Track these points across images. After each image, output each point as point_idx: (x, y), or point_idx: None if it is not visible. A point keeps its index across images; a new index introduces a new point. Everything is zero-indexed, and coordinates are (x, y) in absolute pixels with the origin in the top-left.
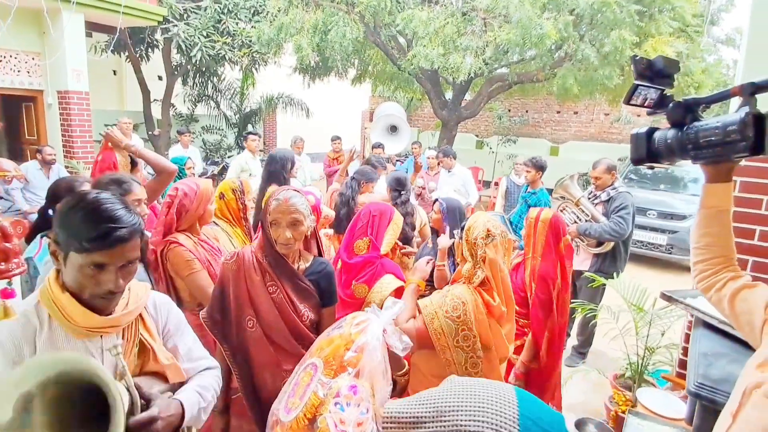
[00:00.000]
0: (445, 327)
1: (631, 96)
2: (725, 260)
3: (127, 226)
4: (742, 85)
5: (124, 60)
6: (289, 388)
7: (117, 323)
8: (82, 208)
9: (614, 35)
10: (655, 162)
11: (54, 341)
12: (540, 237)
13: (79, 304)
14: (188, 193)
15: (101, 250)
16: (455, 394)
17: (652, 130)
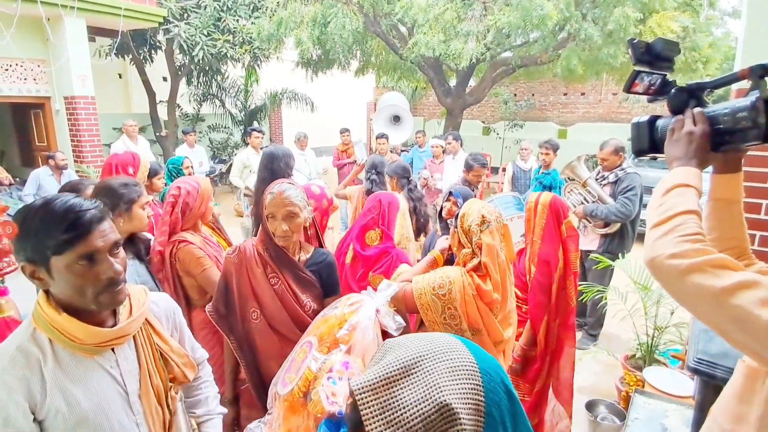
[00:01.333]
0: (431, 303)
1: (632, 83)
2: (739, 252)
3: (91, 207)
4: (751, 68)
5: (128, 63)
6: (287, 364)
7: (126, 332)
8: (37, 212)
9: (617, 12)
10: (658, 152)
11: (63, 366)
12: (540, 220)
13: (79, 320)
14: (191, 191)
15: (82, 238)
16: (410, 347)
17: (655, 118)
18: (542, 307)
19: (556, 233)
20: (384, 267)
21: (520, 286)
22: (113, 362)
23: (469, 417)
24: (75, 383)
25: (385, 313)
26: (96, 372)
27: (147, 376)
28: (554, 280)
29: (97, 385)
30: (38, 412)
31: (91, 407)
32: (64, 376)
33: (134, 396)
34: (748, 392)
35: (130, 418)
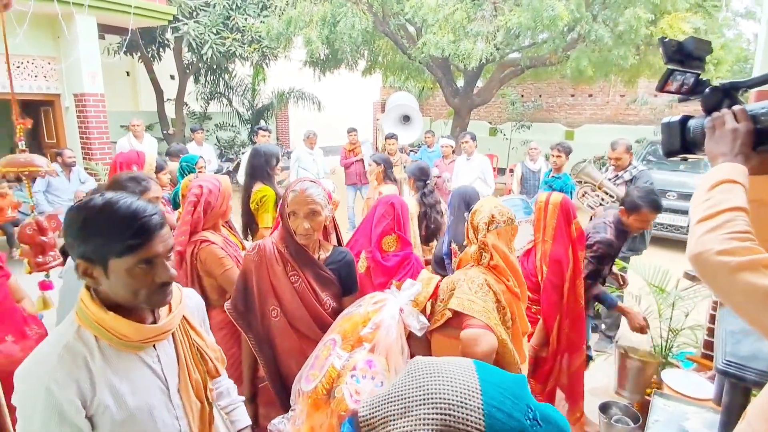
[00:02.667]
0: (487, 305)
1: (665, 82)
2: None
3: (155, 212)
4: None
5: (136, 61)
6: (311, 360)
7: (168, 328)
8: (101, 212)
9: (628, 13)
10: (689, 153)
11: (109, 362)
12: (551, 220)
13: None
14: (212, 190)
15: (145, 244)
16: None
17: (686, 118)
18: (555, 307)
19: (566, 233)
20: (407, 274)
21: (530, 287)
22: (155, 358)
23: None
24: (121, 379)
25: (408, 313)
26: (140, 368)
27: (186, 371)
28: (566, 280)
29: (141, 380)
30: (88, 408)
31: (137, 402)
32: (111, 373)
33: (174, 391)
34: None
35: (171, 413)
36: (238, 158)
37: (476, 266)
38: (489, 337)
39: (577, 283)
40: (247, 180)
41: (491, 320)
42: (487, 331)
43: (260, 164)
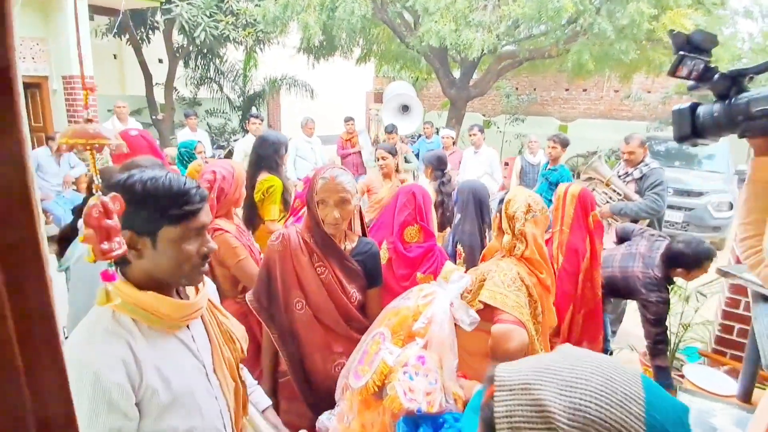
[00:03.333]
0: (519, 300)
1: (677, 67)
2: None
3: (197, 186)
4: None
5: (124, 43)
6: (358, 355)
7: (201, 305)
8: (156, 182)
9: (631, 7)
10: (699, 138)
11: (152, 344)
12: (569, 210)
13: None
14: (226, 176)
15: (197, 213)
16: (577, 367)
17: (695, 105)
18: (568, 297)
19: (584, 224)
20: (432, 266)
21: None
22: (190, 337)
23: None
24: (165, 361)
25: (458, 306)
26: (180, 348)
27: (219, 350)
28: (581, 270)
29: (183, 361)
30: (137, 393)
31: (180, 384)
32: (154, 354)
33: (210, 370)
34: None
35: (210, 393)
36: (230, 146)
37: (508, 257)
38: (521, 333)
39: (594, 274)
40: (251, 169)
41: (524, 316)
42: (519, 327)
43: (268, 153)
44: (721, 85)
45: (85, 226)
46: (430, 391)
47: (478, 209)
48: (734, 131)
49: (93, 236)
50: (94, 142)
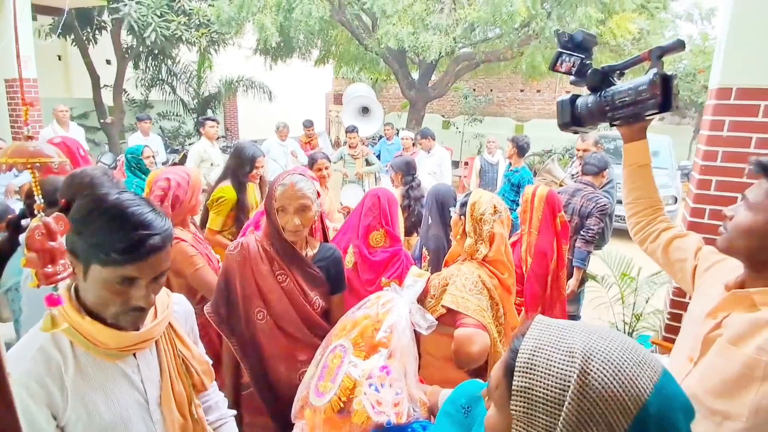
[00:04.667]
0: (481, 303)
1: (555, 63)
2: (654, 210)
3: (161, 232)
4: (651, 50)
5: (69, 44)
6: (317, 371)
7: (150, 336)
8: (105, 212)
9: (580, 12)
10: (579, 126)
11: (83, 372)
12: (537, 212)
13: (103, 324)
14: (181, 183)
15: (133, 263)
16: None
17: (575, 96)
18: (538, 298)
19: (552, 225)
20: (397, 271)
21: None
22: (134, 367)
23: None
24: (95, 390)
25: (415, 311)
26: (116, 378)
27: (168, 383)
28: (549, 272)
29: (117, 391)
30: (59, 419)
31: (111, 416)
32: (84, 383)
33: (154, 404)
34: (747, 379)
35: (149, 428)
36: (184, 149)
37: (469, 261)
38: (483, 336)
39: (560, 275)
40: (221, 175)
41: (485, 319)
42: (481, 330)
43: (233, 166)
44: (594, 80)
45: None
46: (397, 402)
47: (441, 212)
48: (605, 120)
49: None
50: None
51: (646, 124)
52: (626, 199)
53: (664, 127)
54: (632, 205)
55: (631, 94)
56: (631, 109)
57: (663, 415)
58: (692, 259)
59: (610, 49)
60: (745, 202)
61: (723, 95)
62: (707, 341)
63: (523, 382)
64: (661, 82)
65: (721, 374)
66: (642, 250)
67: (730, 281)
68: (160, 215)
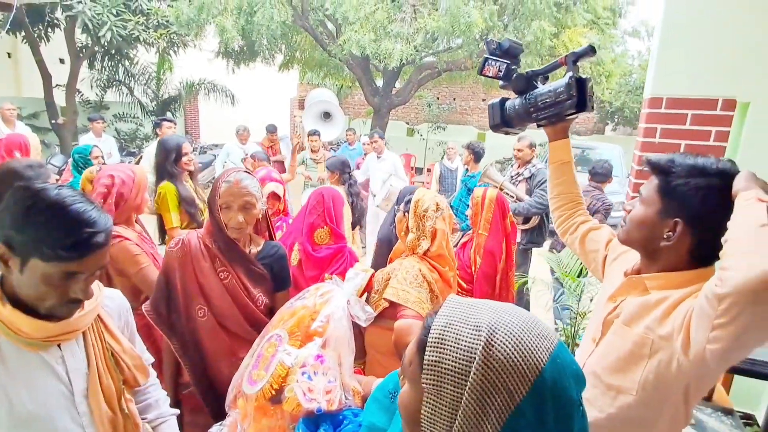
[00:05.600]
0: (421, 296)
1: (483, 68)
2: (575, 205)
3: (104, 230)
4: (566, 56)
5: (20, 41)
6: (252, 360)
7: (74, 327)
8: (48, 209)
9: (535, 25)
10: (509, 127)
11: (5, 360)
12: (487, 214)
13: (26, 314)
14: (126, 180)
15: (78, 259)
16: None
17: (504, 100)
18: (487, 297)
19: (501, 227)
20: (340, 267)
21: (464, 277)
22: (58, 358)
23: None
24: (17, 380)
25: (354, 303)
26: (40, 368)
27: (96, 376)
28: (498, 271)
29: (40, 382)
30: None
31: (34, 407)
32: (6, 373)
33: (80, 396)
34: (636, 356)
35: (75, 420)
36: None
37: (411, 256)
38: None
39: (509, 275)
40: (156, 178)
41: (424, 310)
42: (420, 321)
43: (159, 160)
44: (518, 84)
45: None
46: (329, 390)
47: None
48: (531, 121)
49: None
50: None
51: (567, 124)
52: (550, 193)
53: (616, 137)
54: (556, 199)
55: (551, 96)
56: (552, 109)
57: (556, 381)
58: (603, 250)
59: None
60: (639, 198)
61: (655, 104)
62: (606, 323)
63: (434, 356)
64: (576, 84)
65: (617, 352)
66: (563, 240)
67: (629, 269)
68: (101, 212)
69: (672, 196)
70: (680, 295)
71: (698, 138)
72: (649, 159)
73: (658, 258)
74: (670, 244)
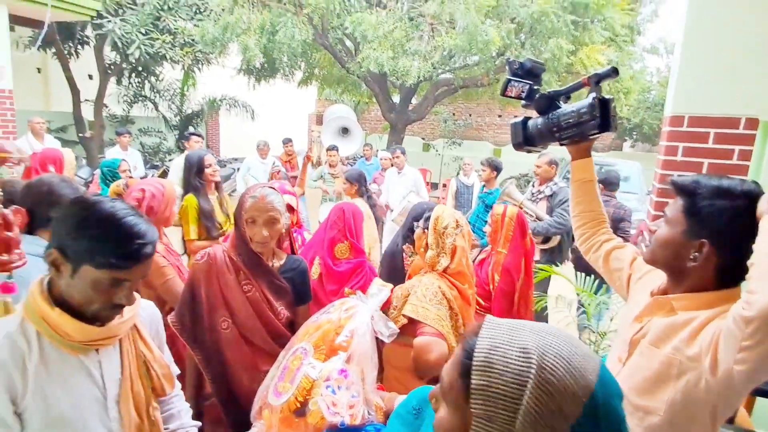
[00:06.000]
0: (441, 313)
1: (505, 89)
2: (598, 223)
3: (152, 241)
4: (589, 77)
5: (50, 57)
6: (277, 372)
7: (115, 333)
8: (103, 221)
9: (552, 43)
10: (531, 146)
11: (46, 362)
12: (507, 231)
13: (72, 317)
14: (155, 194)
15: (126, 269)
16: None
17: (527, 119)
18: (505, 315)
19: (521, 245)
20: (360, 282)
21: (482, 294)
22: (96, 363)
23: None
24: (56, 381)
25: (378, 319)
26: (78, 371)
27: (128, 382)
28: (516, 290)
29: (77, 384)
30: (18, 405)
31: (69, 408)
32: (46, 374)
33: (112, 401)
34: (664, 377)
35: (105, 425)
36: (164, 165)
37: (430, 272)
38: (441, 344)
39: (529, 293)
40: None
41: (444, 328)
42: (440, 339)
43: (185, 175)
44: (541, 103)
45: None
46: (353, 404)
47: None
48: (554, 140)
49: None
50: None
51: (590, 143)
52: (573, 211)
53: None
54: (578, 217)
55: (574, 116)
56: (575, 129)
57: (607, 400)
58: (627, 269)
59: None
60: (664, 218)
61: (676, 122)
62: (633, 343)
63: (483, 381)
64: (599, 105)
65: (644, 373)
66: (587, 259)
67: (654, 288)
68: (149, 224)
69: (698, 217)
70: (708, 316)
71: (721, 157)
72: (673, 180)
73: (684, 278)
74: (696, 264)
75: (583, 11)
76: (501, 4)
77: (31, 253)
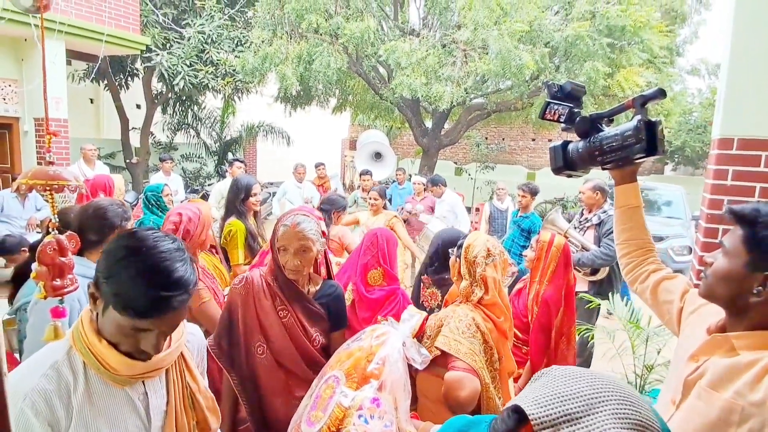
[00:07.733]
0: (474, 347)
1: (544, 112)
2: (645, 252)
3: (182, 292)
4: (634, 98)
5: (102, 88)
6: (310, 401)
7: (161, 365)
8: (136, 264)
9: (588, 66)
10: (572, 170)
11: (91, 394)
12: (551, 262)
13: (117, 350)
14: (192, 218)
15: (150, 318)
16: (593, 384)
17: (567, 142)
18: (543, 349)
19: (563, 277)
20: (393, 309)
21: (520, 326)
22: (141, 395)
23: None
24: (100, 415)
25: (410, 346)
26: (122, 403)
27: (173, 414)
28: (554, 325)
29: (120, 418)
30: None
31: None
32: (90, 405)
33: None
34: (724, 423)
35: None
36: (203, 190)
37: (464, 303)
38: (473, 381)
39: (571, 330)
40: (224, 213)
41: (477, 363)
42: (472, 375)
43: (230, 198)
44: (582, 126)
45: (38, 263)
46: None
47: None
48: (596, 164)
49: (45, 273)
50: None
51: (636, 167)
52: (618, 239)
53: (678, 178)
54: (623, 245)
55: (618, 140)
56: (620, 153)
57: None
58: (678, 301)
59: (618, 100)
60: (722, 249)
61: (725, 145)
62: (688, 384)
63: None
64: (645, 128)
65: (702, 418)
66: (632, 291)
67: (711, 325)
68: (191, 266)
69: (760, 248)
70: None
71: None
72: (732, 208)
73: (746, 315)
74: (760, 300)
75: (620, 34)
76: (534, 29)
77: (80, 274)
